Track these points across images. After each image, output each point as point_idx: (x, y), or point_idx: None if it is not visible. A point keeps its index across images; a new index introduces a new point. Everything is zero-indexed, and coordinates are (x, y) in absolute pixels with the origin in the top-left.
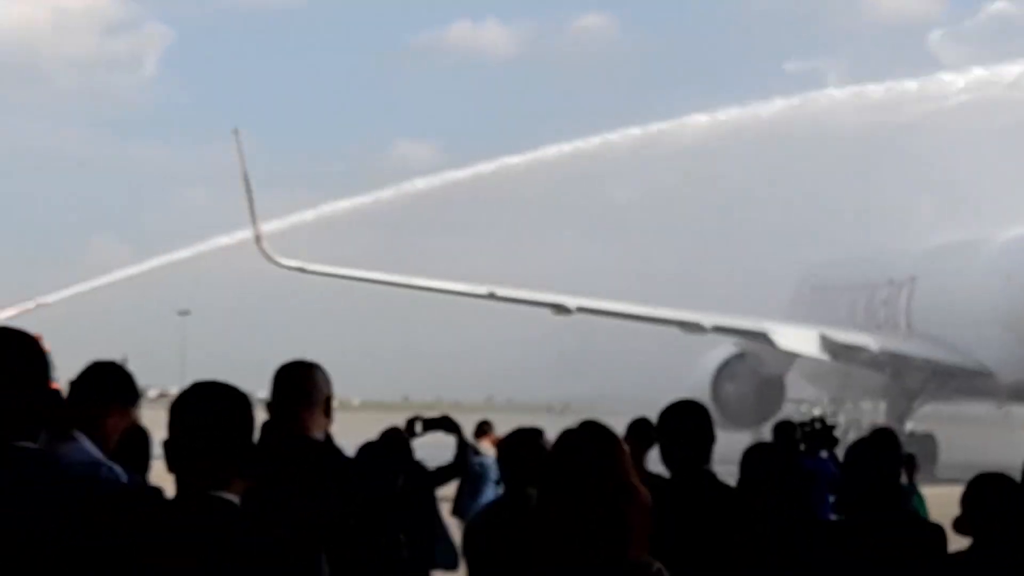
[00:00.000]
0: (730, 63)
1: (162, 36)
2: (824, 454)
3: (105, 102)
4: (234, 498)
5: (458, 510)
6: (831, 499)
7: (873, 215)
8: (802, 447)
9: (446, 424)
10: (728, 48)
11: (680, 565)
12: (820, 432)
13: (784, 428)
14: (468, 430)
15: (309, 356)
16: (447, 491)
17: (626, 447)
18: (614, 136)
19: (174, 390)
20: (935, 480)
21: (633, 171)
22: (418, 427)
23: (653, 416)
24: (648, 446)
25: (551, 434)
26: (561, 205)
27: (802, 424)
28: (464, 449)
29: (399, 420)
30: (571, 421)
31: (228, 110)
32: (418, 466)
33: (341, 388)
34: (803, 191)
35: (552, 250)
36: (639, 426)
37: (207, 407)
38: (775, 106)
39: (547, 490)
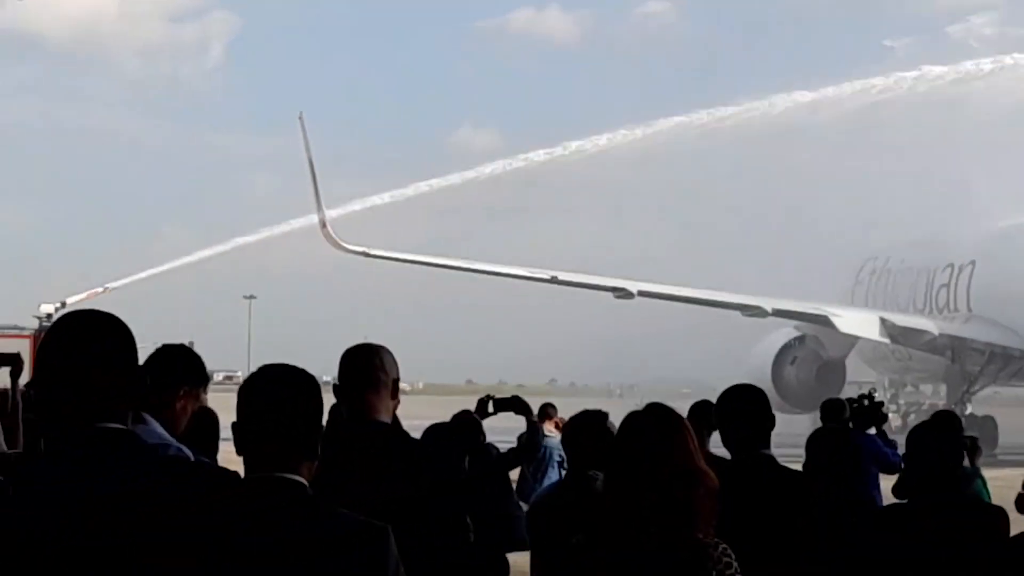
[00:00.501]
0: (792, 47)
1: (228, 23)
2: (872, 431)
3: (171, 90)
4: (303, 480)
5: (521, 492)
6: (878, 475)
7: (934, 199)
8: (851, 425)
9: (517, 404)
10: (790, 32)
11: (738, 546)
12: (869, 409)
13: (832, 406)
14: None
15: (373, 340)
16: (511, 474)
17: (691, 428)
18: (676, 121)
19: (240, 373)
20: (996, 463)
21: (695, 156)
22: (490, 407)
23: (715, 399)
24: (710, 429)
25: (615, 417)
26: (623, 190)
27: (850, 401)
28: (535, 430)
29: (463, 403)
30: (634, 404)
31: (293, 97)
32: (489, 448)
33: (405, 372)
34: (864, 174)
35: (614, 234)
36: (700, 409)
37: (276, 390)
38: (839, 90)
39: (613, 472)
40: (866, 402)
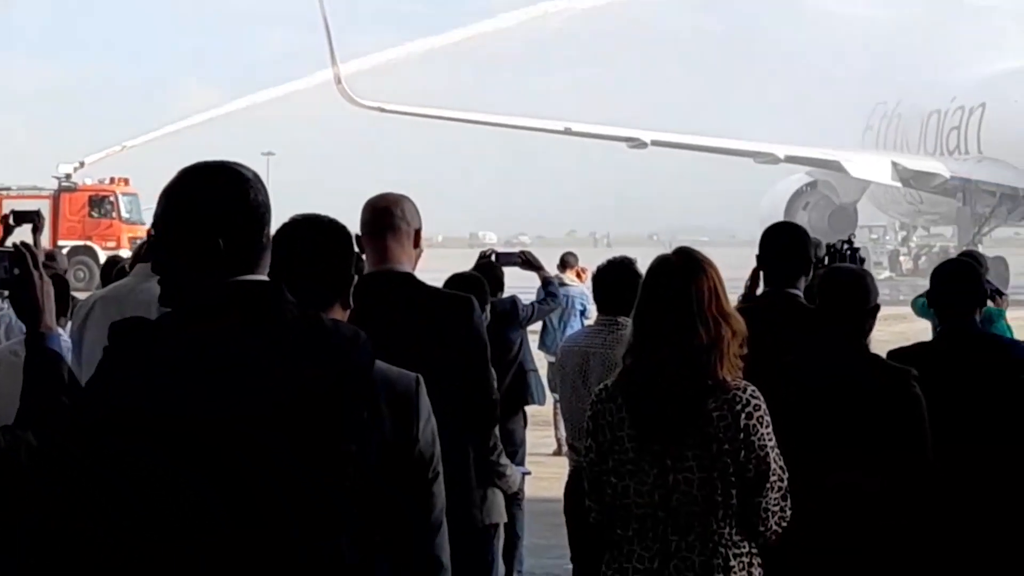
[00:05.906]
0: None
1: None
2: None
3: None
4: None
5: (543, 343)
6: None
7: (944, 43)
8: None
9: (524, 259)
10: None
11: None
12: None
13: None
14: (552, 264)
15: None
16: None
17: (719, 272)
18: None
19: None
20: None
21: (709, 3)
22: (494, 259)
23: (733, 245)
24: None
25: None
26: (637, 40)
27: (829, 246)
28: (550, 281)
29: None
30: (661, 251)
31: None
32: (517, 300)
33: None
34: (872, 20)
35: (629, 86)
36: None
37: (308, 238)
38: None
39: (639, 314)
40: (846, 248)
